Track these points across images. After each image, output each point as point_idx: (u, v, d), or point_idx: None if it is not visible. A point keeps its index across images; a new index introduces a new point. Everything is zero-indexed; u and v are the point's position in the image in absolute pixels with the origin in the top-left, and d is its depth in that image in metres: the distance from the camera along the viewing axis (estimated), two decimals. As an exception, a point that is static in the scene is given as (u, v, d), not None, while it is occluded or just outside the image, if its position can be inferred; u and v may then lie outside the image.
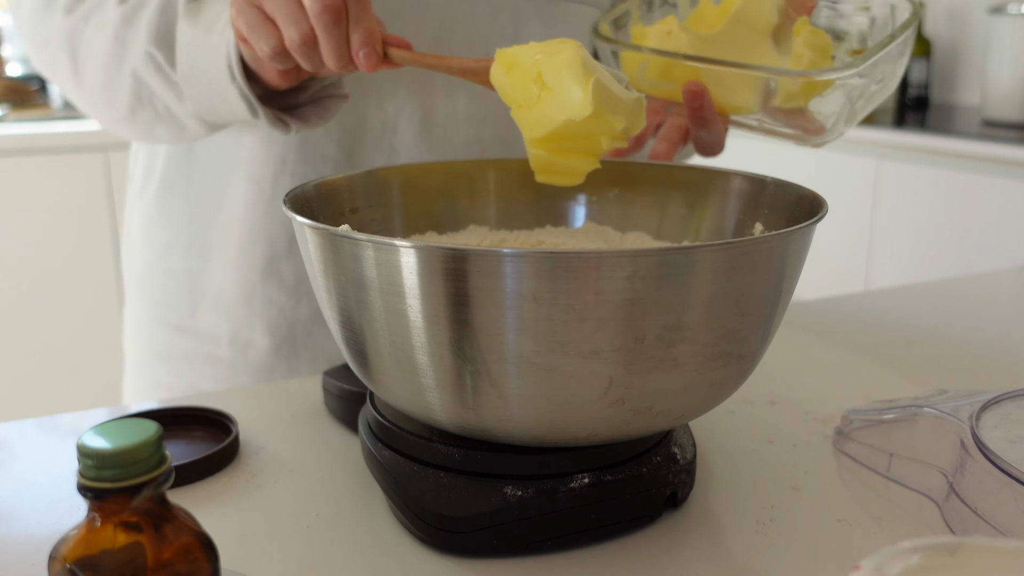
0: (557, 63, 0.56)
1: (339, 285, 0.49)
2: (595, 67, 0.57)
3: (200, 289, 0.85)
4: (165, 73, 0.71)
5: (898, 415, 0.59)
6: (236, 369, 0.85)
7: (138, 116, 0.75)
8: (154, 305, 0.88)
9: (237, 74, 0.65)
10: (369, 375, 0.51)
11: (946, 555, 0.34)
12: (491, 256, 0.43)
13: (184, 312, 0.86)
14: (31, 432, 0.67)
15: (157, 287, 0.87)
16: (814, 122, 0.69)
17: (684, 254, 0.44)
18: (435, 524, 0.50)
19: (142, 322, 0.90)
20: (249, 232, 0.82)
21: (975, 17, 2.52)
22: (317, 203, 0.59)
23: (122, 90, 0.73)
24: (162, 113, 0.74)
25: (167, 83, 0.71)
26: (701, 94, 0.67)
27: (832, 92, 0.68)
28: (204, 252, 0.84)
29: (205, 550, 0.37)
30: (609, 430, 0.47)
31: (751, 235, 0.57)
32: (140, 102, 0.74)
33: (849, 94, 0.68)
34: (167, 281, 0.87)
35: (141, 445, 0.35)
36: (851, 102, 0.69)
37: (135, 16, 0.71)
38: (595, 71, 0.56)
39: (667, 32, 0.71)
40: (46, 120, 2.43)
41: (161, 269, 0.87)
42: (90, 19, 0.73)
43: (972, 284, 1.06)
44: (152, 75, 0.71)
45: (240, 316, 0.84)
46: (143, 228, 0.88)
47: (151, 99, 0.73)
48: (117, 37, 0.71)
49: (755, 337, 0.49)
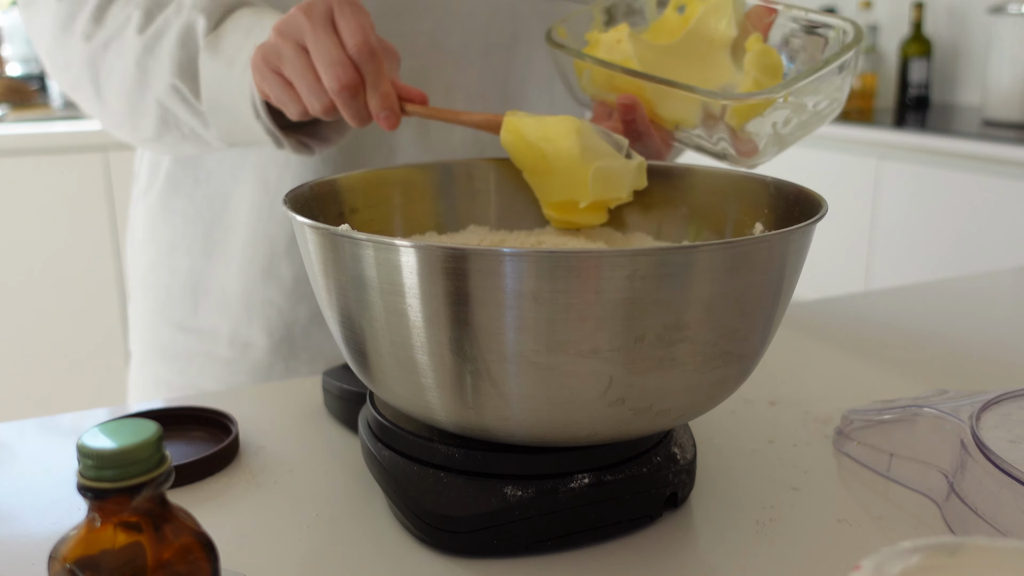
0: (557, 151, 0.61)
1: (339, 285, 0.49)
2: (595, 148, 0.61)
3: (202, 288, 0.85)
4: (191, 103, 0.71)
5: (898, 415, 0.59)
6: (235, 368, 0.85)
7: (165, 138, 0.76)
8: (158, 303, 0.88)
9: (262, 113, 0.67)
10: (369, 375, 0.51)
11: (946, 555, 0.34)
12: (490, 255, 0.43)
13: (186, 311, 0.86)
14: (31, 432, 0.67)
15: (161, 286, 0.88)
16: (748, 143, 0.69)
17: (683, 254, 0.44)
18: (435, 524, 0.50)
19: (146, 320, 0.90)
20: (252, 232, 0.82)
21: (975, 17, 2.52)
22: (317, 203, 0.59)
23: (148, 116, 0.74)
24: (188, 135, 0.75)
25: (192, 111, 0.72)
26: (633, 108, 0.67)
27: (766, 115, 0.67)
28: (207, 251, 0.85)
29: (205, 550, 0.37)
30: (609, 429, 0.47)
31: (751, 235, 0.57)
32: (167, 126, 0.74)
33: (774, 120, 0.67)
34: (170, 280, 0.87)
35: (141, 445, 0.35)
36: (775, 128, 0.68)
37: (155, 45, 0.71)
38: (595, 155, 0.61)
39: (617, 40, 0.71)
40: (46, 120, 2.43)
41: (165, 268, 0.87)
42: (109, 47, 0.73)
43: (972, 284, 1.06)
44: (177, 105, 0.72)
45: (240, 316, 0.84)
46: (147, 227, 0.88)
47: (177, 124, 0.74)
48: (139, 66, 0.72)
49: (755, 337, 0.49)
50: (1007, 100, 2.21)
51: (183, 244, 0.86)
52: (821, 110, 0.68)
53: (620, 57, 0.70)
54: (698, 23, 0.72)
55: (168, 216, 0.86)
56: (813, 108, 0.68)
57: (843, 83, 0.68)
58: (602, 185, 0.61)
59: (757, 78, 0.68)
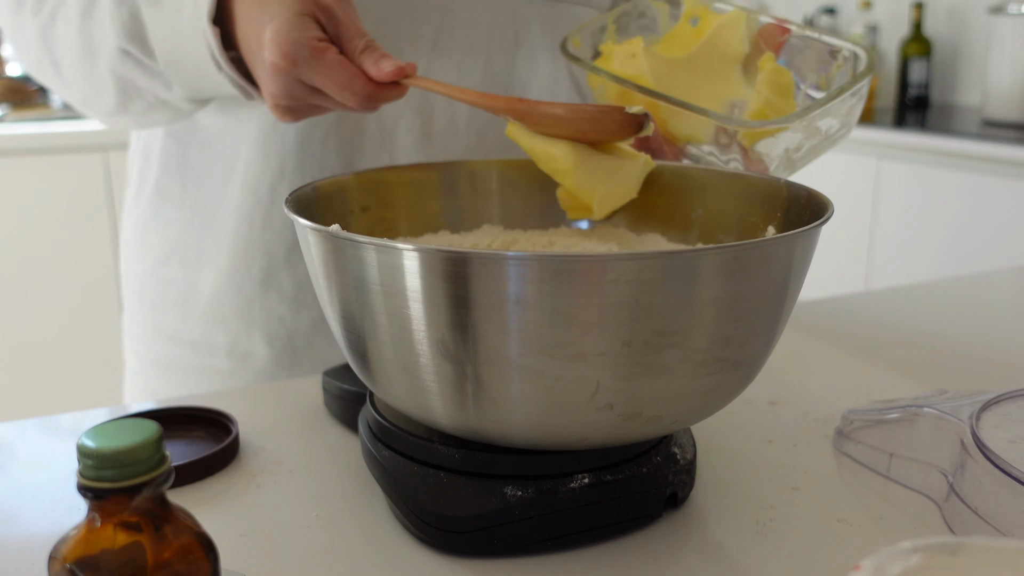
0: (556, 175, 0.60)
1: (341, 287, 0.49)
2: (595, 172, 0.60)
3: (194, 299, 0.84)
4: (146, 66, 0.69)
5: (898, 415, 0.59)
6: (235, 380, 0.84)
7: (131, 108, 0.74)
8: (152, 314, 0.87)
9: (224, 65, 0.65)
10: (370, 376, 0.51)
11: (946, 555, 0.34)
12: (467, 259, 0.42)
13: (179, 323, 0.85)
14: (31, 432, 0.67)
15: (154, 297, 0.86)
16: (759, 164, 0.69)
17: (667, 259, 0.43)
18: (435, 524, 0.50)
19: (139, 332, 0.89)
20: (246, 243, 0.81)
21: (975, 17, 2.52)
22: (323, 203, 0.59)
23: (106, 88, 0.72)
24: (154, 103, 0.73)
25: (150, 74, 0.69)
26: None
27: (778, 136, 0.67)
28: (200, 262, 0.83)
29: (205, 550, 0.37)
30: (599, 435, 0.47)
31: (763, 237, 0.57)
32: (128, 96, 0.72)
33: (786, 145, 0.67)
34: (164, 291, 0.85)
35: (141, 445, 0.35)
36: (788, 153, 0.68)
37: (92, 8, 0.69)
38: (594, 182, 0.60)
39: (631, 54, 0.71)
40: (46, 120, 2.43)
41: (158, 278, 0.86)
42: (56, 17, 0.71)
43: (972, 284, 1.06)
44: (132, 70, 0.70)
45: (237, 327, 0.83)
46: (138, 234, 0.87)
47: (139, 92, 0.72)
48: (83, 32, 0.70)
49: (754, 343, 0.48)
50: (1007, 100, 2.21)
51: (176, 254, 0.84)
52: (832, 134, 0.69)
53: (634, 71, 0.70)
54: (711, 37, 0.72)
55: (159, 225, 0.84)
56: (825, 132, 0.68)
57: (855, 107, 0.68)
58: (607, 205, 0.62)
59: (769, 98, 0.68)
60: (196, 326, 0.84)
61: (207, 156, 0.81)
